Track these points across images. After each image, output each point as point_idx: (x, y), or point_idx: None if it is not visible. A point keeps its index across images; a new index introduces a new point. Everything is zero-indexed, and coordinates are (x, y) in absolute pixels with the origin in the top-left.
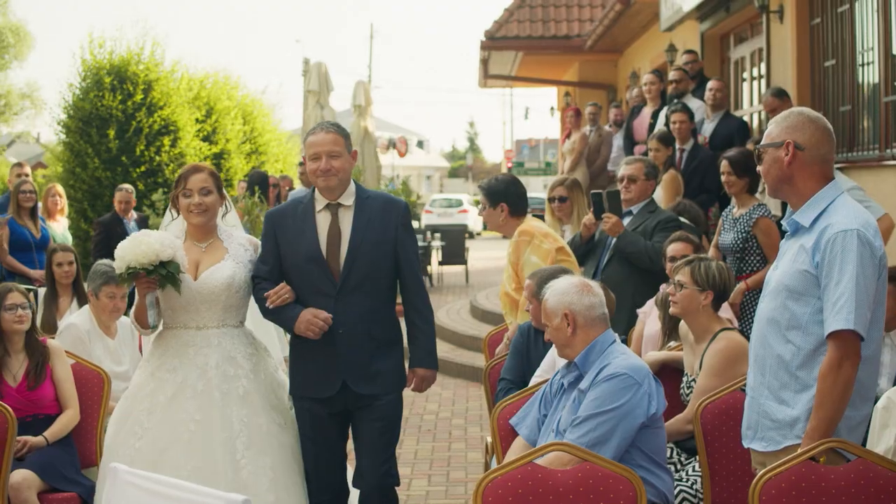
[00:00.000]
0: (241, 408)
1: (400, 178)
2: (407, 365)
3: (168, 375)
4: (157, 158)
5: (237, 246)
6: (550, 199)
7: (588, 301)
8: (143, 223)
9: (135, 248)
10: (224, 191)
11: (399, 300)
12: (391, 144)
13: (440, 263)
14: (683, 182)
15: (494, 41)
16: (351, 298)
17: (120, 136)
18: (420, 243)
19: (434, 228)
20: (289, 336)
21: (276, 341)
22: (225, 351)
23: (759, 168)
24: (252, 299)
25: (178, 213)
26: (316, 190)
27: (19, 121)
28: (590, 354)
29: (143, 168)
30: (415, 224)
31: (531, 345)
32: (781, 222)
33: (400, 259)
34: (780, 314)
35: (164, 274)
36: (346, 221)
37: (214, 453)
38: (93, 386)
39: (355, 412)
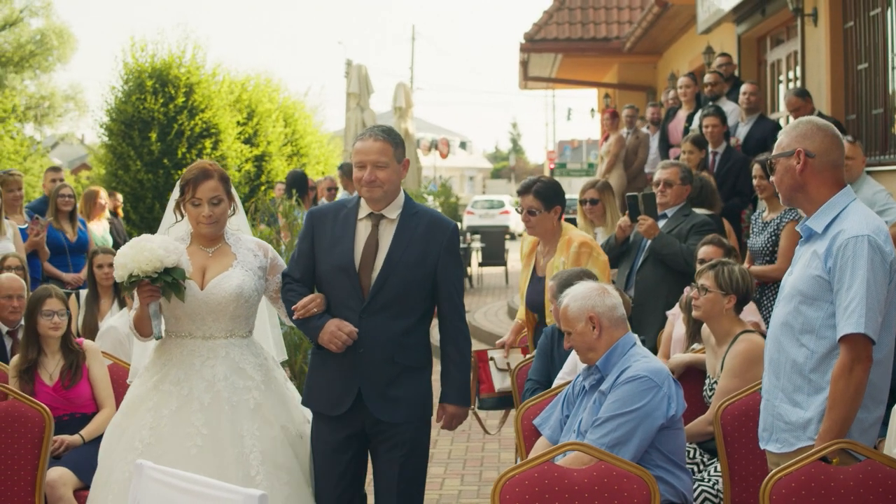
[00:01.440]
0: (253, 421)
1: (441, 179)
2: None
3: (173, 388)
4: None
5: (246, 251)
6: (582, 202)
7: (610, 302)
8: None
9: (137, 255)
10: (233, 191)
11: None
12: (433, 146)
13: (480, 265)
14: (716, 185)
15: (534, 43)
16: (376, 318)
17: (162, 139)
18: (461, 245)
19: (475, 229)
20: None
21: (270, 343)
22: (233, 362)
23: (771, 178)
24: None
25: (183, 217)
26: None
27: (63, 123)
28: (611, 357)
29: (184, 170)
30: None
31: (555, 346)
32: (796, 228)
33: (439, 284)
34: (793, 318)
35: (168, 281)
36: (387, 235)
37: (227, 469)
38: None
39: (372, 438)
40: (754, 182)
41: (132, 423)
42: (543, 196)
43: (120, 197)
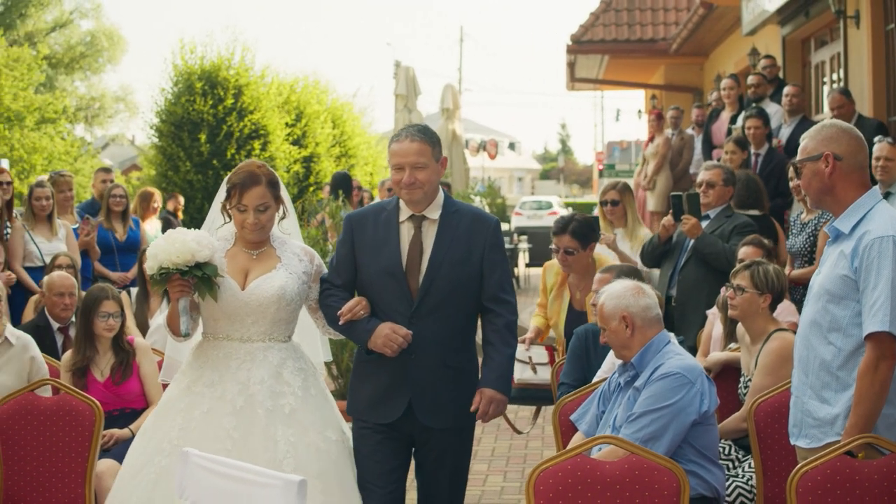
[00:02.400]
0: (288, 427)
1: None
2: None
3: (206, 390)
4: None
5: (291, 255)
6: (603, 203)
7: (644, 302)
8: None
9: (168, 247)
10: (283, 194)
11: None
12: (481, 147)
13: (527, 265)
14: None
15: (580, 45)
16: (427, 321)
17: (211, 140)
18: (507, 245)
19: (522, 230)
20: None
21: (318, 343)
22: (271, 366)
23: (798, 182)
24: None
25: (230, 219)
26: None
27: (113, 124)
28: (646, 354)
29: (232, 171)
30: (504, 226)
31: (591, 347)
32: (825, 229)
33: (486, 281)
34: (821, 317)
35: (199, 276)
36: (430, 236)
37: None
38: None
39: (420, 444)
40: (791, 184)
41: (163, 423)
42: (581, 236)
43: (181, 199)
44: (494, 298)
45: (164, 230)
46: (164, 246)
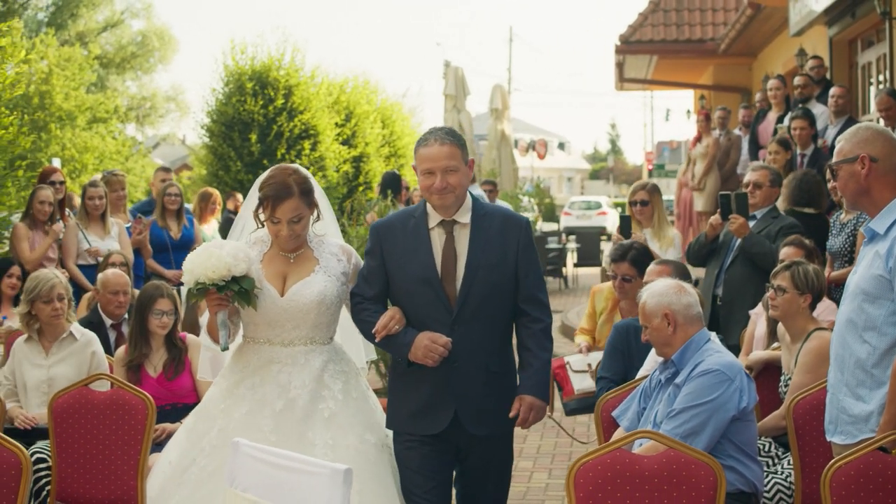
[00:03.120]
0: (326, 430)
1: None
2: None
3: (246, 392)
4: (298, 162)
5: (329, 256)
6: (632, 203)
7: (686, 301)
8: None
9: (204, 262)
10: (317, 198)
11: None
12: (530, 147)
13: (575, 265)
14: None
15: (629, 45)
16: (468, 327)
17: (261, 140)
18: (555, 245)
19: (571, 230)
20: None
21: (360, 343)
22: (313, 370)
23: (834, 184)
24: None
25: (263, 225)
26: (427, 203)
27: (164, 123)
28: (686, 352)
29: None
30: (553, 226)
31: (631, 341)
32: (861, 230)
33: (521, 282)
34: (857, 316)
35: (236, 290)
36: (463, 241)
37: None
38: None
39: (464, 453)
40: (829, 185)
41: (203, 423)
42: (639, 263)
43: (240, 197)
44: (531, 299)
45: (225, 229)
46: (200, 260)
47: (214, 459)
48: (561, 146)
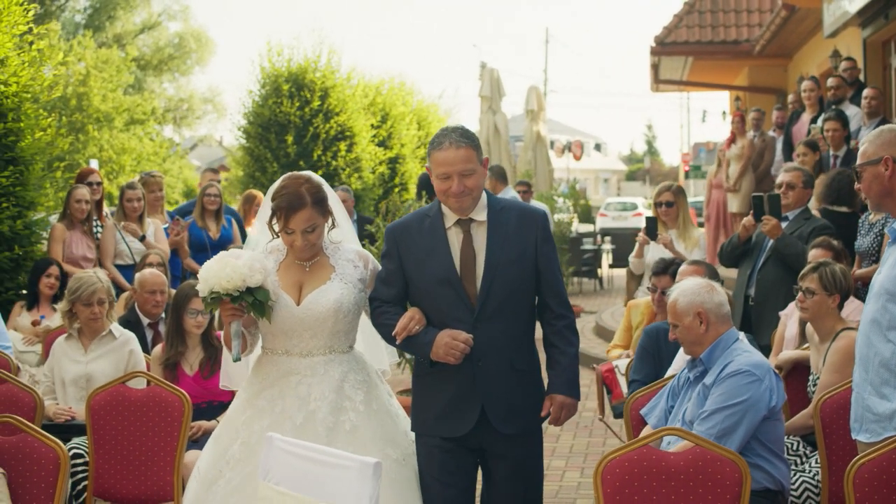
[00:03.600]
0: (348, 444)
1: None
2: None
3: (266, 404)
4: (334, 163)
5: (345, 262)
6: (657, 204)
7: (718, 299)
8: (363, 223)
9: (220, 271)
10: (331, 206)
11: None
12: (566, 148)
13: (610, 266)
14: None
15: (664, 47)
16: (490, 325)
17: (298, 142)
18: (590, 246)
19: (606, 231)
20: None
21: (381, 349)
22: (332, 381)
23: (857, 185)
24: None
25: (277, 235)
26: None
27: (202, 125)
28: (714, 351)
29: (320, 172)
30: (589, 227)
31: (661, 344)
32: (885, 230)
33: (542, 275)
34: (881, 315)
35: (250, 301)
36: (481, 239)
37: None
38: None
39: (491, 453)
40: (855, 186)
41: (227, 434)
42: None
43: None
44: (553, 293)
45: None
46: (216, 270)
47: (239, 473)
48: (597, 147)
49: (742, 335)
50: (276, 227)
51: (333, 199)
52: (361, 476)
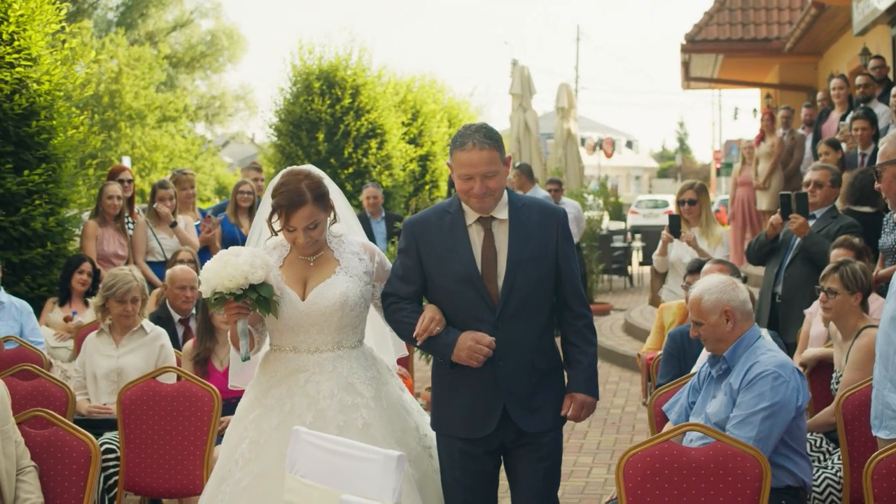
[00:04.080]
0: (361, 442)
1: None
2: None
3: (275, 403)
4: (365, 160)
5: (350, 255)
6: (680, 202)
7: (742, 296)
8: (392, 220)
9: (220, 271)
10: (332, 199)
11: None
12: (598, 145)
13: (641, 264)
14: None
15: (694, 44)
16: (512, 325)
17: (329, 139)
18: (620, 244)
19: (637, 229)
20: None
21: (388, 343)
22: (341, 377)
23: (877, 185)
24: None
25: (277, 233)
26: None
27: (234, 122)
28: (738, 349)
29: (350, 170)
30: (620, 225)
31: (685, 347)
32: None
33: (561, 273)
34: None
35: (254, 299)
36: (502, 237)
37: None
38: None
39: (512, 451)
40: (875, 186)
41: (236, 433)
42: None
43: None
44: (573, 291)
45: None
46: (217, 269)
47: (248, 473)
48: (629, 144)
49: (765, 332)
50: (277, 226)
51: (335, 192)
52: (385, 468)
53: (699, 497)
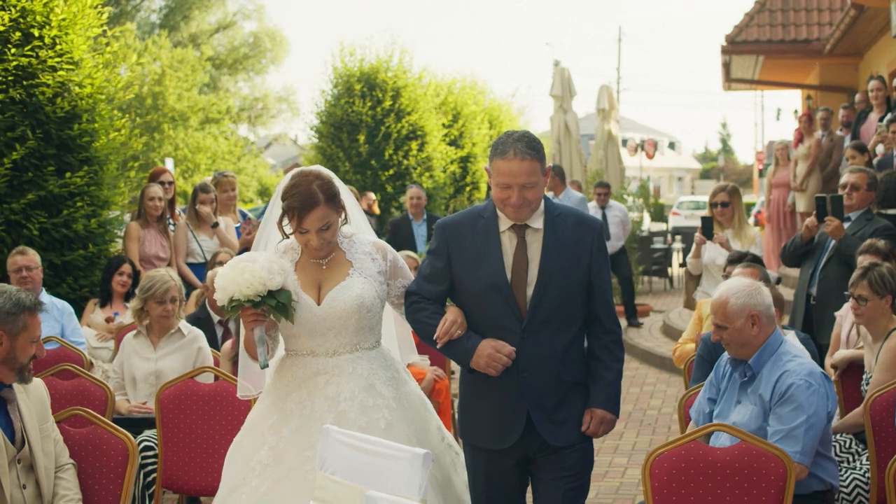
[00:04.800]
0: None
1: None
2: None
3: (294, 407)
4: (405, 162)
5: (362, 256)
6: (713, 204)
7: (767, 300)
8: (433, 222)
9: (237, 278)
10: (343, 200)
11: None
12: (639, 146)
13: (681, 265)
14: None
15: (735, 45)
16: (538, 336)
17: (369, 141)
18: (661, 245)
19: (678, 230)
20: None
21: (396, 347)
22: (362, 378)
23: None
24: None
25: (289, 236)
26: None
27: (276, 123)
28: (763, 355)
29: (391, 171)
30: (660, 226)
31: (719, 350)
32: None
33: (593, 287)
34: None
35: (273, 305)
36: (535, 246)
37: None
38: None
39: (537, 463)
40: None
41: (252, 442)
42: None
43: (372, 195)
44: (605, 306)
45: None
46: (233, 277)
47: (266, 479)
48: (671, 146)
49: (792, 335)
50: (289, 229)
51: (345, 192)
52: (412, 466)
53: (724, 496)
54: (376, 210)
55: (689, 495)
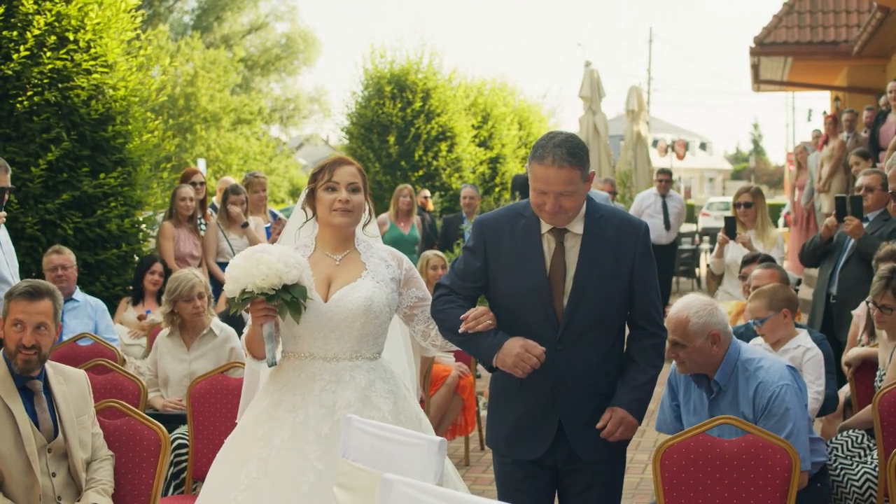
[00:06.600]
0: None
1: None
2: None
3: (287, 414)
4: (435, 163)
5: (378, 261)
6: (736, 205)
7: (725, 318)
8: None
9: (252, 269)
10: (369, 192)
11: None
12: (669, 147)
13: (708, 266)
14: None
15: (763, 47)
16: (575, 346)
17: (399, 142)
18: (689, 246)
19: (707, 231)
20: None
21: (408, 378)
22: (359, 388)
23: (892, 205)
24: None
25: (312, 215)
26: None
27: (308, 124)
28: (726, 368)
29: (420, 172)
30: (692, 227)
31: None
32: None
33: (636, 294)
34: None
35: (287, 300)
36: (573, 252)
37: None
38: None
39: (566, 476)
40: (891, 205)
41: (241, 451)
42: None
43: (426, 192)
44: (646, 317)
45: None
46: (248, 268)
47: (254, 494)
48: (703, 146)
49: (805, 333)
50: (320, 187)
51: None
52: (428, 452)
53: (731, 487)
54: (430, 206)
55: (697, 486)
